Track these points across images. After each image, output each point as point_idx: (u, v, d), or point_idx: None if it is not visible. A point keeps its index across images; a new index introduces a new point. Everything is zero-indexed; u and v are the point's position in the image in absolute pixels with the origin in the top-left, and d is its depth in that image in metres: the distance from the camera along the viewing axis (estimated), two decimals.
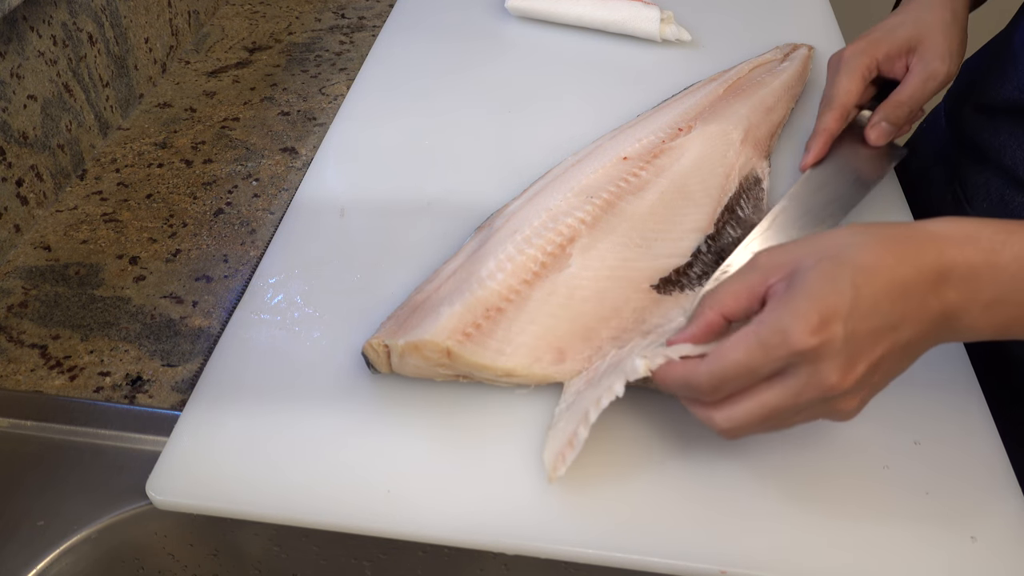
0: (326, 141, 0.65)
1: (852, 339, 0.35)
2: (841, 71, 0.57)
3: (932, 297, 0.36)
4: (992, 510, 0.41)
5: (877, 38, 0.57)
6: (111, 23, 0.67)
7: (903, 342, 0.37)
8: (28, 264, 0.56)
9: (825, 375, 0.36)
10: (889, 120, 0.57)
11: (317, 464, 0.43)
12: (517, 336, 0.45)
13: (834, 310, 0.35)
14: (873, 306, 0.36)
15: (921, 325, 0.37)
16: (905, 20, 0.57)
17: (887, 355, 0.36)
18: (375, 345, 0.45)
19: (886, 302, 0.36)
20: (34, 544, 0.42)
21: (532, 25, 0.81)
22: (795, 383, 0.36)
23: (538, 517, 0.41)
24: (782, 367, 0.36)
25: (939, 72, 0.55)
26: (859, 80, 0.57)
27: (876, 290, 0.36)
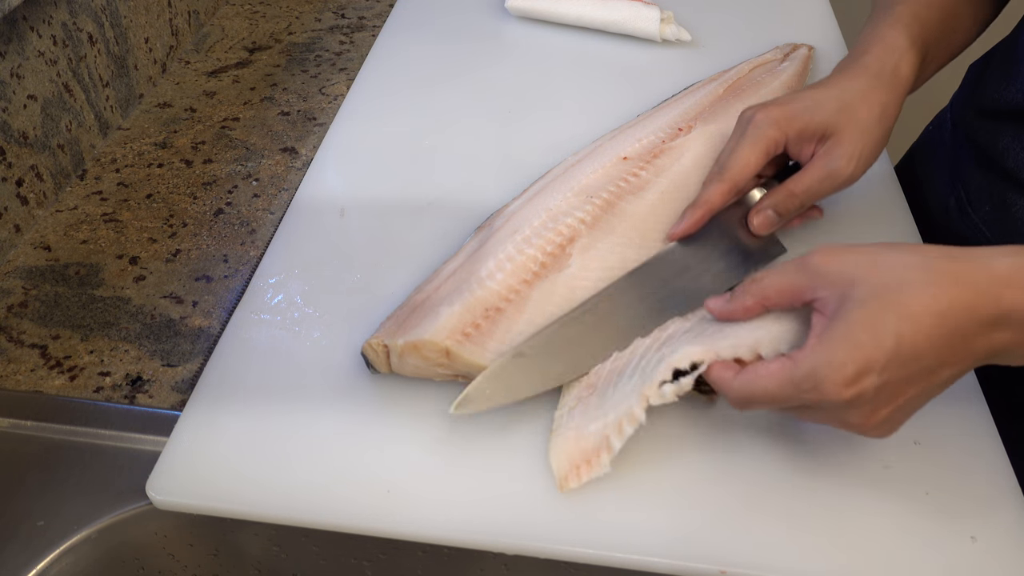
0: (326, 141, 0.65)
1: (884, 389, 0.36)
2: (745, 138, 0.51)
3: (981, 339, 0.36)
4: (992, 510, 0.41)
5: (794, 112, 0.50)
6: (111, 23, 0.67)
7: (939, 381, 0.37)
8: (28, 264, 0.56)
9: (849, 418, 0.37)
10: (777, 209, 0.51)
11: (317, 464, 0.43)
12: (517, 337, 0.45)
13: (871, 364, 0.35)
14: (913, 355, 0.35)
15: (963, 365, 0.37)
16: (830, 98, 0.50)
17: (919, 394, 0.37)
18: (374, 345, 0.45)
19: (928, 350, 0.35)
20: (34, 544, 0.42)
21: (532, 25, 0.81)
22: (819, 414, 0.38)
23: (538, 517, 0.41)
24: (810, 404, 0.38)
25: (841, 173, 0.49)
26: (761, 154, 0.50)
27: (919, 339, 0.35)
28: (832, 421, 0.39)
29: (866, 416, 0.37)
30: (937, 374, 0.36)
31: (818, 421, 0.40)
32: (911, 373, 0.36)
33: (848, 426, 0.38)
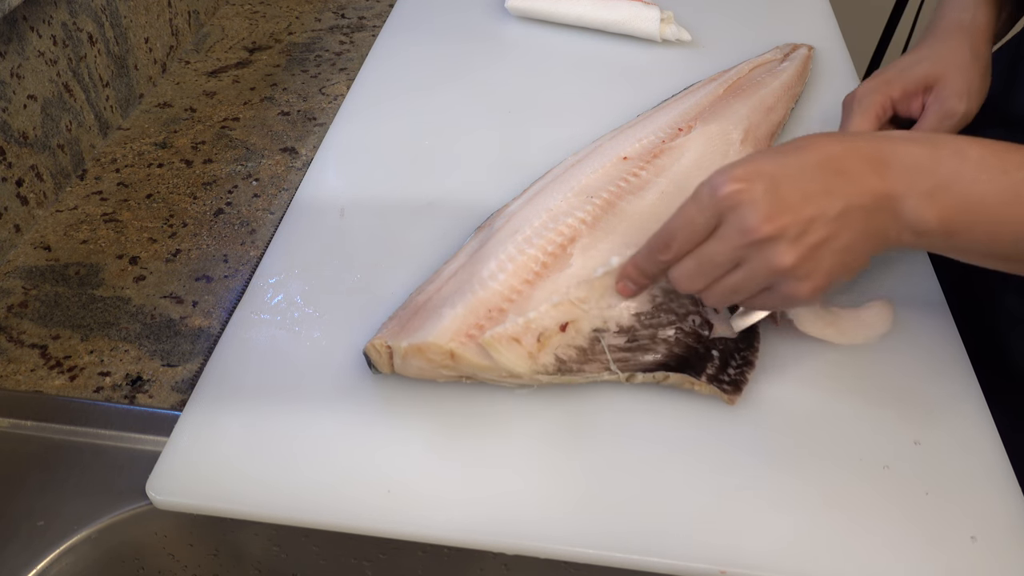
0: (326, 141, 0.65)
1: (774, 192, 0.38)
2: (854, 111, 0.55)
3: (871, 175, 0.39)
4: (992, 510, 0.41)
5: (891, 76, 0.54)
6: (111, 23, 0.67)
7: (838, 209, 0.38)
8: (28, 264, 0.56)
9: (747, 219, 0.38)
10: None
11: (317, 464, 0.43)
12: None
13: (757, 168, 0.39)
14: (799, 170, 0.39)
15: (858, 198, 0.38)
16: (922, 58, 0.54)
17: (819, 217, 0.38)
18: (378, 346, 0.45)
19: (815, 169, 0.39)
20: (34, 544, 0.42)
21: (532, 25, 0.81)
22: (724, 230, 0.40)
23: (538, 517, 0.41)
24: (715, 220, 0.40)
25: (956, 111, 0.52)
26: (873, 119, 0.54)
27: (805, 159, 0.39)
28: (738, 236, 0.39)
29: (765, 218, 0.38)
30: (832, 198, 0.38)
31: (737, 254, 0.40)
32: (802, 188, 0.38)
33: (751, 232, 0.38)
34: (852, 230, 0.39)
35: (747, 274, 0.40)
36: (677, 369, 0.45)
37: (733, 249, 0.40)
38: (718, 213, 0.40)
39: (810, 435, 0.45)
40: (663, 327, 0.47)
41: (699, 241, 0.41)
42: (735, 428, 0.45)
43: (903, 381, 0.48)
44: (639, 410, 0.46)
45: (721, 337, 0.47)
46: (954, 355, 0.49)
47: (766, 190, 0.38)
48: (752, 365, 0.46)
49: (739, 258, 0.40)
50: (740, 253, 0.40)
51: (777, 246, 0.38)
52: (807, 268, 0.39)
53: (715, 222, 0.40)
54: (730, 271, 0.41)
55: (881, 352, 0.49)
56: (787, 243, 0.38)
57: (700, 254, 0.41)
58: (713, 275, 0.41)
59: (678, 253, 0.42)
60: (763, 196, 0.38)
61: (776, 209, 0.38)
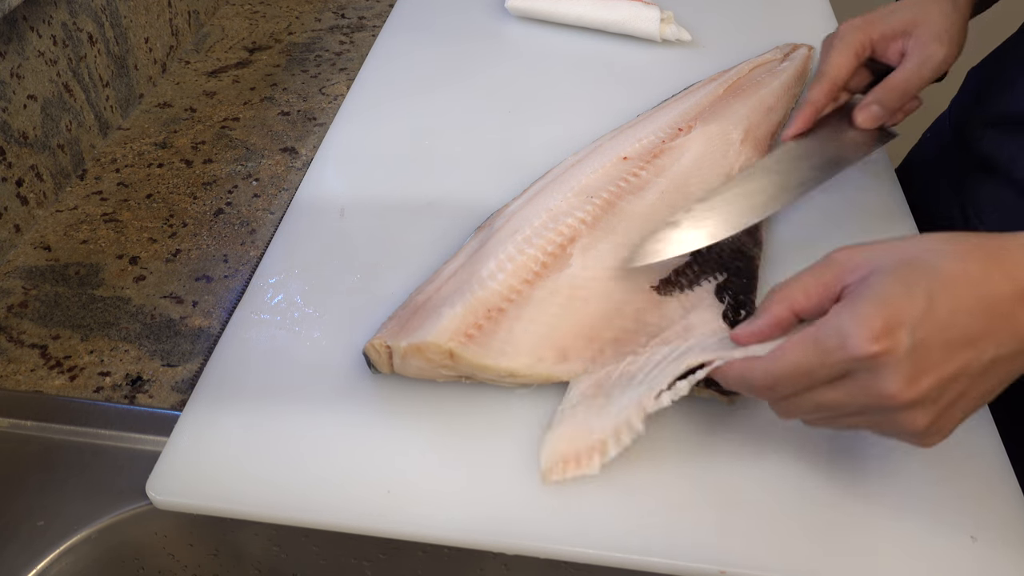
0: (326, 141, 0.65)
1: (919, 349, 0.33)
2: (834, 47, 0.55)
3: (1021, 311, 0.33)
4: (992, 510, 0.41)
5: (873, 18, 0.55)
6: (111, 23, 0.67)
7: (985, 360, 0.34)
8: (28, 264, 0.56)
9: (884, 384, 0.33)
10: (881, 103, 0.54)
11: (317, 464, 0.43)
12: (519, 336, 0.45)
13: (901, 318, 0.33)
14: (949, 318, 0.33)
15: (1009, 343, 0.34)
16: (904, 4, 0.55)
17: (963, 373, 0.33)
18: (377, 346, 0.45)
19: (965, 315, 0.33)
20: (34, 544, 0.42)
21: (532, 25, 0.81)
22: (852, 387, 0.34)
23: (538, 517, 0.41)
24: (841, 372, 0.34)
25: (936, 55, 0.52)
26: (851, 56, 0.54)
27: (955, 302, 0.33)
28: (869, 399, 0.34)
29: (905, 383, 0.33)
30: (980, 348, 0.33)
31: (860, 409, 0.35)
32: (948, 340, 0.33)
33: (887, 399, 0.33)
34: (993, 380, 0.35)
35: (869, 423, 0.36)
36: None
37: (861, 407, 0.35)
38: (847, 367, 0.34)
39: (810, 435, 0.45)
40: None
41: (813, 387, 0.36)
42: (735, 428, 0.45)
43: None
44: None
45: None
46: None
47: (909, 350, 0.33)
48: None
49: (867, 411, 0.35)
50: (868, 411, 0.35)
51: (914, 412, 0.34)
52: (939, 425, 0.35)
53: (841, 374, 0.35)
54: (850, 415, 0.36)
55: None
56: (924, 407, 0.34)
57: (821, 402, 0.36)
58: (831, 417, 0.37)
59: (784, 395, 0.37)
60: (907, 360, 0.33)
61: (918, 371, 0.33)
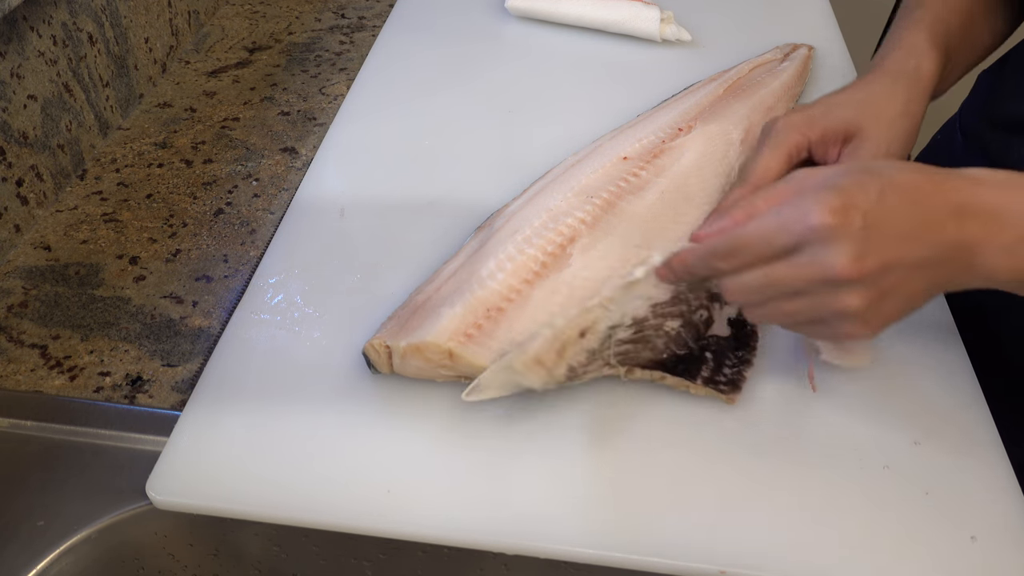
0: (326, 141, 0.65)
1: (868, 231, 0.36)
2: (767, 145, 0.50)
3: (952, 224, 0.37)
4: (992, 510, 0.42)
5: (814, 115, 0.50)
6: (111, 23, 0.67)
7: (917, 257, 0.37)
8: (28, 264, 0.56)
9: (833, 256, 0.36)
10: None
11: (317, 464, 0.43)
12: (519, 336, 0.45)
13: (856, 202, 0.36)
14: (894, 210, 0.37)
15: (937, 248, 0.37)
16: (850, 101, 0.51)
17: (900, 264, 0.37)
18: (376, 346, 0.45)
19: (907, 214, 0.37)
20: (34, 544, 0.42)
21: (532, 25, 0.81)
22: (803, 259, 0.37)
23: (538, 517, 0.41)
24: (795, 243, 0.37)
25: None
26: (783, 159, 0.50)
27: (901, 202, 0.37)
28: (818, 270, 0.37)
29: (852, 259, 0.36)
30: (914, 245, 0.37)
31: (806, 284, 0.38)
32: (893, 232, 0.37)
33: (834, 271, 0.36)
34: (922, 280, 0.38)
35: (809, 307, 0.38)
36: (673, 371, 0.45)
37: (807, 282, 0.38)
38: (801, 239, 0.37)
39: (810, 435, 0.45)
40: (672, 318, 0.46)
41: (770, 261, 0.39)
42: (735, 428, 0.45)
43: (903, 381, 0.48)
44: (638, 411, 0.46)
45: (714, 336, 0.47)
46: (954, 355, 0.49)
47: (861, 229, 0.36)
48: (750, 364, 0.46)
49: (808, 290, 0.38)
50: (812, 286, 0.38)
51: (852, 289, 0.37)
52: (871, 312, 0.38)
53: (794, 245, 0.38)
54: (791, 297, 0.39)
55: (882, 352, 0.49)
56: (862, 287, 0.37)
57: (768, 275, 0.39)
58: (773, 297, 0.39)
59: (740, 266, 0.40)
60: (857, 238, 0.36)
61: (865, 251, 0.36)
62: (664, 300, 0.46)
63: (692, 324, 0.47)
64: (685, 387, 0.45)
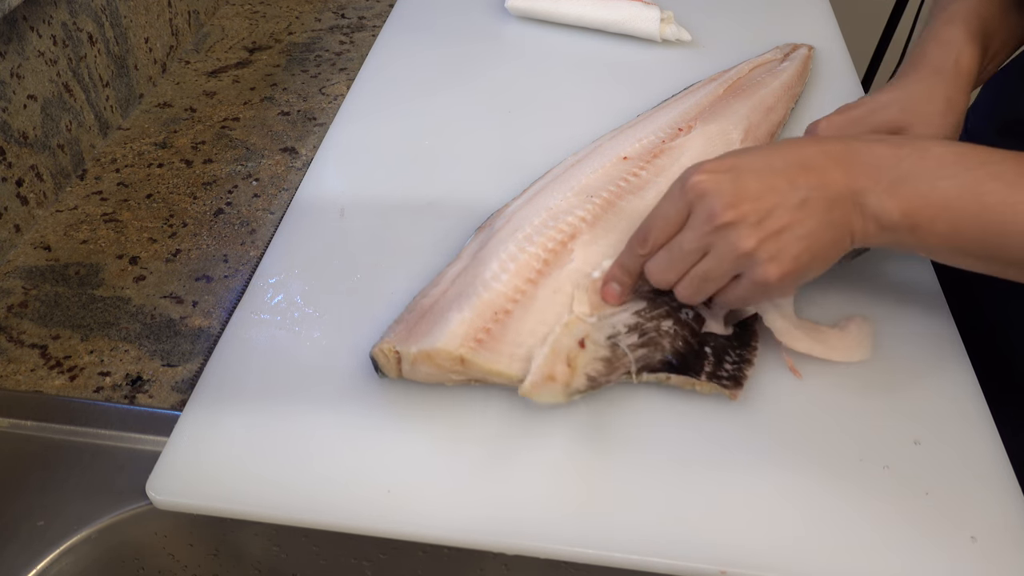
0: (326, 141, 0.65)
1: (737, 181, 0.41)
2: None
3: (834, 170, 0.41)
4: (992, 510, 0.41)
5: (858, 116, 0.50)
6: (111, 23, 0.67)
7: (799, 196, 0.40)
8: (28, 264, 0.56)
9: (711, 205, 0.41)
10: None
11: (317, 464, 0.43)
12: (528, 338, 0.44)
13: (724, 162, 0.42)
14: (765, 164, 0.42)
15: (819, 190, 0.41)
16: (892, 100, 0.50)
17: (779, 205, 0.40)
18: (386, 351, 0.44)
19: (780, 164, 0.41)
20: (34, 544, 0.42)
21: (532, 25, 0.81)
22: (692, 220, 0.42)
23: (538, 517, 0.41)
24: (683, 208, 0.42)
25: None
26: None
27: (772, 156, 0.42)
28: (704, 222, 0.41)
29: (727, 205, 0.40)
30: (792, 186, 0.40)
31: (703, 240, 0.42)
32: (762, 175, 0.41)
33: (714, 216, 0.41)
34: (814, 219, 0.40)
35: (714, 260, 0.42)
36: (680, 370, 0.45)
37: (700, 236, 0.42)
38: (688, 203, 0.42)
39: (810, 435, 0.45)
40: (663, 318, 0.47)
41: (672, 234, 0.43)
42: (735, 428, 0.45)
43: (903, 381, 0.48)
44: (638, 411, 0.46)
45: (712, 335, 0.47)
46: (954, 355, 0.49)
47: (730, 180, 0.41)
48: (751, 363, 0.46)
49: (707, 245, 0.42)
50: (707, 240, 0.42)
51: (739, 230, 0.40)
52: (770, 251, 0.40)
53: (686, 213, 0.42)
54: (699, 260, 0.43)
55: (881, 352, 0.49)
56: (748, 227, 0.40)
57: (671, 245, 0.43)
58: (684, 265, 0.43)
59: (654, 246, 0.44)
60: (727, 184, 0.41)
61: (738, 197, 0.40)
62: (643, 306, 0.47)
63: (684, 322, 0.47)
64: (691, 386, 0.45)
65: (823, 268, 0.43)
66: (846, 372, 0.48)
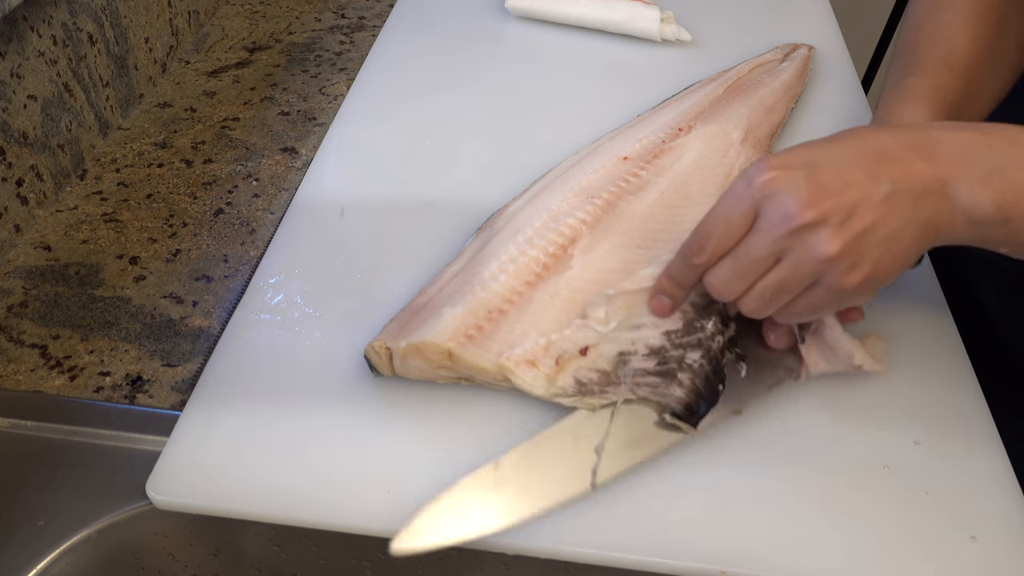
0: (326, 141, 0.65)
1: (814, 177, 0.36)
2: None
3: (918, 161, 0.37)
4: (992, 510, 0.42)
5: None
6: (111, 23, 0.67)
7: (884, 194, 0.36)
8: (28, 264, 0.56)
9: (786, 205, 0.36)
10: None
11: (317, 464, 0.43)
12: (519, 339, 0.45)
13: (794, 156, 0.37)
14: (840, 157, 0.37)
15: (905, 183, 0.37)
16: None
17: (864, 203, 0.36)
18: (377, 348, 0.45)
19: (857, 156, 0.37)
20: (34, 544, 0.42)
21: (532, 25, 0.81)
22: (762, 222, 0.37)
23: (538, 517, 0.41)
24: (750, 209, 0.38)
25: None
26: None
27: (846, 147, 0.38)
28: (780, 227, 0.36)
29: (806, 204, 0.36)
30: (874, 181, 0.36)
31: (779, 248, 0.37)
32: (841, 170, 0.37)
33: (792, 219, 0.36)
34: (899, 216, 0.36)
35: (790, 268, 0.37)
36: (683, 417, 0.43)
37: (773, 241, 0.37)
38: (755, 204, 0.37)
39: (810, 435, 0.45)
40: (691, 348, 0.44)
41: (737, 238, 0.38)
42: (735, 427, 0.45)
43: (904, 381, 0.48)
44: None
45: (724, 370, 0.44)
46: (954, 355, 0.49)
47: (806, 176, 0.36)
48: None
49: (780, 251, 0.37)
50: (781, 245, 0.37)
51: (821, 232, 0.36)
52: (854, 256, 0.36)
53: (752, 215, 0.38)
54: (771, 269, 0.38)
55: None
56: (831, 229, 0.36)
57: (738, 252, 0.38)
58: (753, 275, 0.38)
59: (714, 254, 0.39)
60: (803, 181, 0.36)
61: (817, 194, 0.36)
62: (677, 328, 0.45)
63: (712, 356, 0.44)
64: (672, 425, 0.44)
65: (903, 270, 0.39)
66: (846, 372, 0.48)
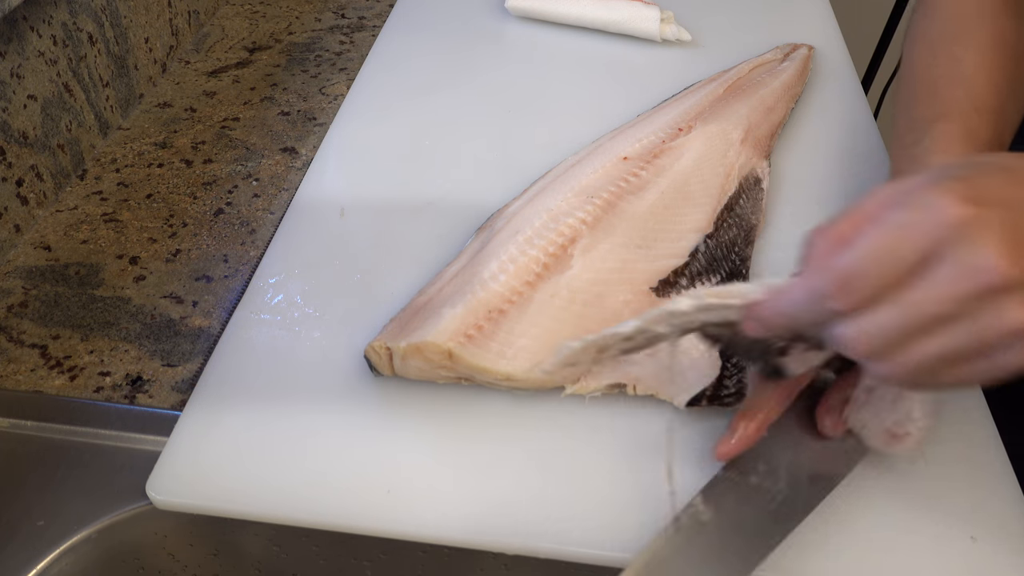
0: (326, 141, 0.65)
1: (1017, 222, 0.28)
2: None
3: None
4: (992, 510, 0.41)
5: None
6: (111, 23, 0.67)
7: None
8: (28, 264, 0.56)
9: (985, 257, 0.27)
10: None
11: (317, 464, 0.43)
12: (519, 339, 0.45)
13: (989, 189, 0.28)
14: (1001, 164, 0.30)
15: None
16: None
17: None
18: (377, 348, 0.44)
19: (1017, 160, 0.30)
20: (34, 544, 0.42)
21: (532, 25, 0.81)
22: (944, 271, 0.28)
23: (538, 517, 0.41)
24: (929, 251, 0.28)
25: None
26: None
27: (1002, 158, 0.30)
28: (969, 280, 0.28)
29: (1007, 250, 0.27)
30: None
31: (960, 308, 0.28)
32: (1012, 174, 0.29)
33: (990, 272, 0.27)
34: None
35: (971, 335, 0.29)
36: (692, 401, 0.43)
37: (955, 300, 0.28)
38: (936, 243, 0.28)
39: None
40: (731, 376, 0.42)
41: (902, 283, 0.29)
42: None
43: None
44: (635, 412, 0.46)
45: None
46: None
47: (1007, 220, 0.28)
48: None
49: (959, 313, 0.29)
50: (964, 306, 0.28)
51: (1015, 296, 0.28)
52: None
53: (928, 255, 0.29)
54: (938, 329, 0.29)
55: None
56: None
57: (903, 303, 0.29)
58: (914, 335, 0.29)
59: (864, 300, 0.30)
60: (1003, 227, 0.28)
61: (1018, 235, 0.28)
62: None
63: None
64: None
65: None
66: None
